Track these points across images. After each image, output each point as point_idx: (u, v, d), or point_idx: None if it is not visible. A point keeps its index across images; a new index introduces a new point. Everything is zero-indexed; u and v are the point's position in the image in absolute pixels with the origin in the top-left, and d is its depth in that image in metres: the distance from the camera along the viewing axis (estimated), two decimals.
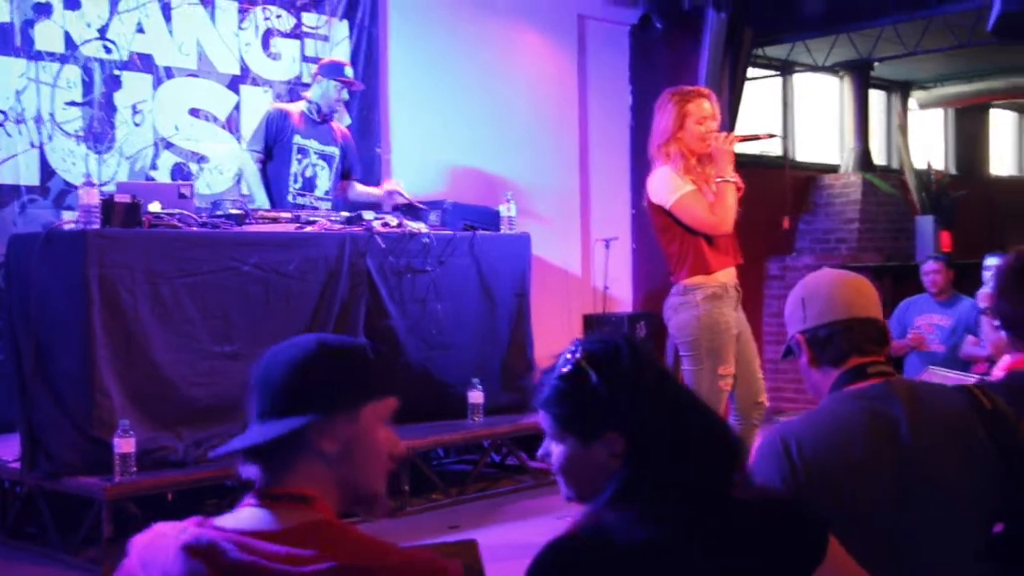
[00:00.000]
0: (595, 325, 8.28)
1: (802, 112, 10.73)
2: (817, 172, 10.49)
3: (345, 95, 6.08)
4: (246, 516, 1.58)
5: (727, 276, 4.36)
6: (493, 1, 7.74)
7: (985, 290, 4.43)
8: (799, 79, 10.62)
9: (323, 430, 1.61)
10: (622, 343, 1.75)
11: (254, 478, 1.62)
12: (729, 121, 8.73)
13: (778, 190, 9.92)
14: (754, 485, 1.84)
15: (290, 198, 5.80)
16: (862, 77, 10.49)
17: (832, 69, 10.45)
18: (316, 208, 5.83)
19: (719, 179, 4.33)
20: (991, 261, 5.98)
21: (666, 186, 4.33)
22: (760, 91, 10.24)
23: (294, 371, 1.64)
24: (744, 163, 8.59)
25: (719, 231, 4.31)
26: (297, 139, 5.89)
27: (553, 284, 8.10)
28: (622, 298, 8.72)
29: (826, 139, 11.00)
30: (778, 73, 10.30)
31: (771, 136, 4.81)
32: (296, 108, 6.03)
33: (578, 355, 1.76)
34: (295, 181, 5.89)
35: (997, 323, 2.70)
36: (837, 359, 2.20)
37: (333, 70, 6.01)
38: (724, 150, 4.32)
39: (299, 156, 5.89)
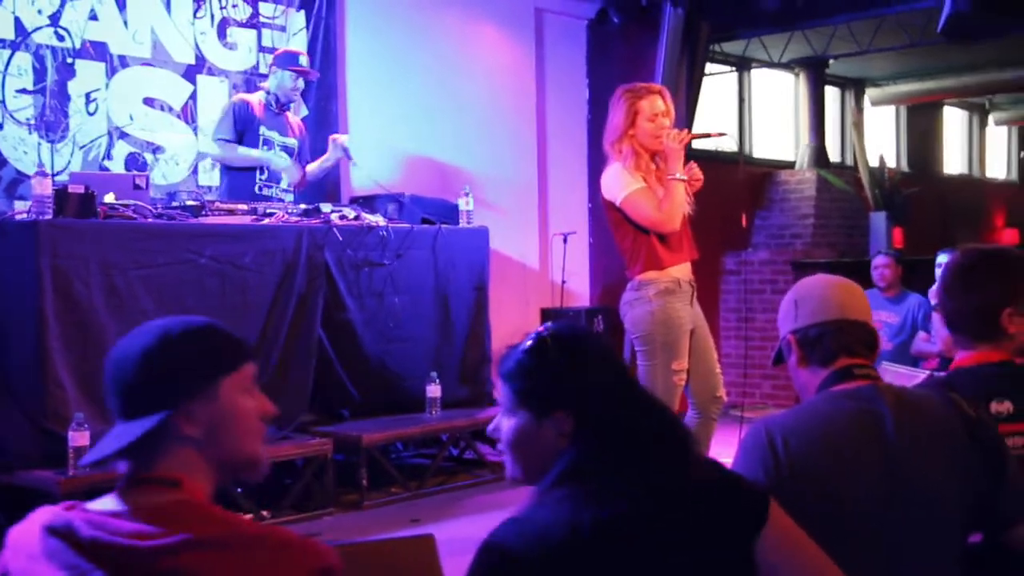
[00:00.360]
0: (552, 319, 8.31)
1: (758, 108, 10.81)
2: (773, 168, 10.58)
3: (301, 84, 6.05)
4: (110, 500, 1.62)
5: (680, 271, 4.38)
6: None
7: (936, 287, 4.49)
8: (756, 75, 10.70)
9: (183, 417, 1.63)
10: (588, 332, 1.86)
11: (124, 469, 1.65)
12: (687, 116, 8.78)
13: (734, 185, 9.99)
14: (706, 467, 1.86)
15: (256, 189, 5.76)
16: (817, 74, 10.58)
17: (788, 66, 10.53)
18: (281, 200, 5.78)
19: (669, 176, 4.33)
20: (942, 258, 6.07)
21: (616, 183, 4.35)
22: (717, 87, 10.31)
23: (142, 366, 1.64)
24: (700, 158, 8.68)
25: (666, 228, 4.31)
26: (263, 130, 5.86)
27: (511, 278, 8.11)
28: (580, 292, 8.75)
29: (782, 135, 11.09)
30: (734, 69, 10.37)
31: (722, 135, 4.80)
32: (256, 99, 5.99)
33: (545, 333, 1.83)
34: (261, 172, 5.86)
35: None
36: (826, 359, 2.23)
37: (288, 60, 5.98)
38: (674, 148, 4.31)
39: (264, 147, 5.85)
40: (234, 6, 6.61)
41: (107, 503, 1.61)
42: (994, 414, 2.39)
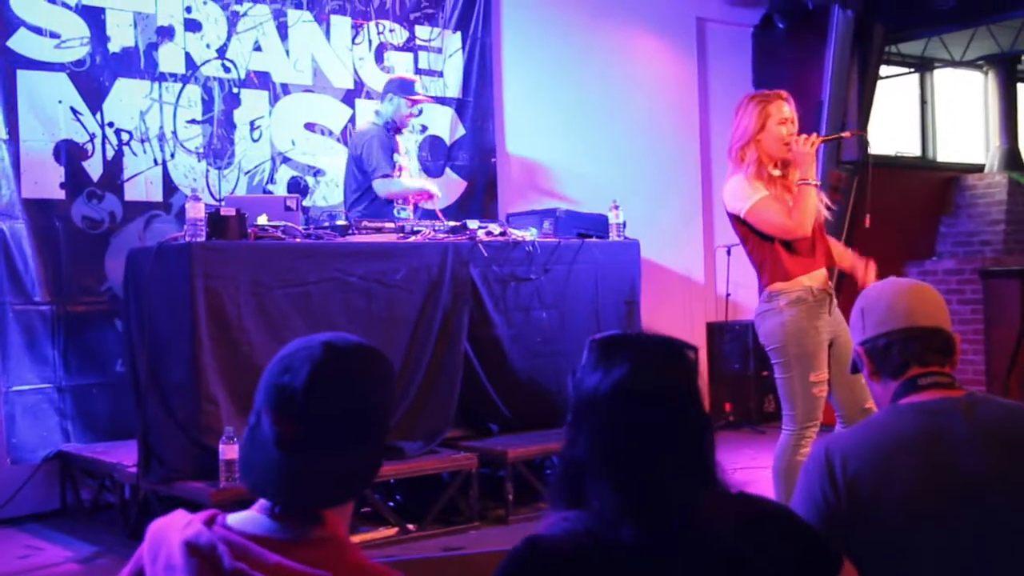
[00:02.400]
0: (719, 333, 8.14)
1: (943, 110, 10.29)
2: (960, 172, 10.04)
3: (416, 111, 6.07)
4: (256, 520, 1.58)
5: (813, 280, 4.20)
6: (608, 7, 7.70)
7: None
8: (939, 75, 10.20)
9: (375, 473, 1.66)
10: (661, 352, 1.67)
11: None
12: (860, 120, 8.46)
13: (916, 191, 9.55)
14: (769, 502, 1.74)
15: (396, 212, 5.85)
16: (1008, 71, 10.00)
17: (975, 64, 9.99)
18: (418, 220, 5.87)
19: (800, 181, 4.19)
20: None
21: (738, 195, 4.20)
22: (897, 89, 9.88)
23: (355, 402, 1.61)
24: (880, 164, 8.33)
25: (796, 235, 4.15)
26: (397, 157, 5.94)
27: (675, 291, 8.00)
28: (748, 305, 8.52)
29: (970, 138, 10.52)
30: (914, 70, 9.91)
31: (855, 134, 4.62)
32: (378, 129, 6.01)
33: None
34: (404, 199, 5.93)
35: None
36: (896, 370, 2.11)
37: (404, 88, 6.01)
38: (805, 152, 4.17)
39: (398, 174, 5.92)
40: (391, 31, 6.80)
41: (251, 520, 1.59)
42: None
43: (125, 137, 5.84)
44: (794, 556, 1.65)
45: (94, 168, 5.75)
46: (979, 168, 10.10)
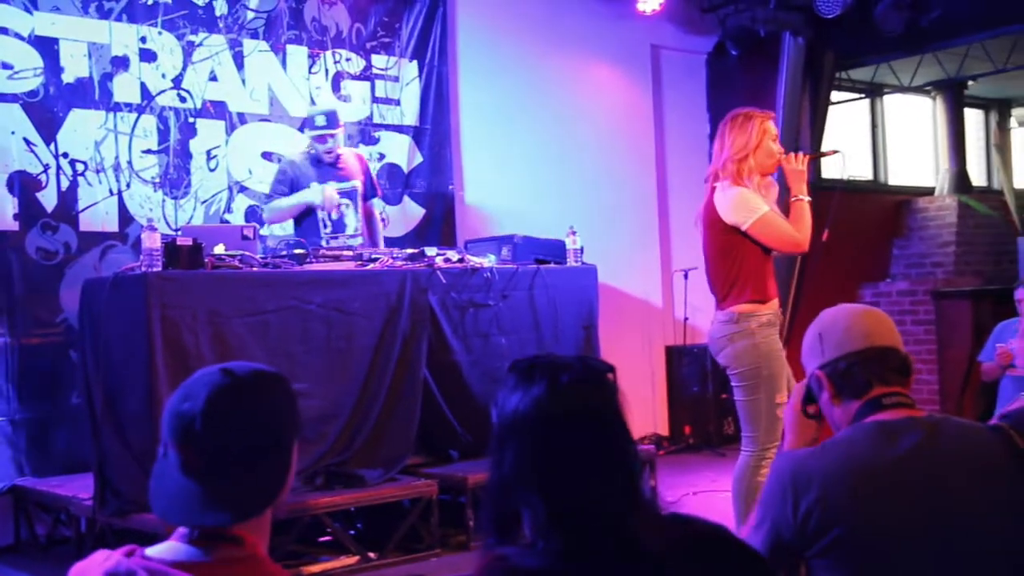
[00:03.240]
0: (678, 356, 8.20)
1: (894, 134, 10.46)
2: (910, 195, 10.20)
3: (330, 144, 5.90)
4: (174, 548, 1.60)
5: (775, 304, 4.28)
6: (564, 35, 7.78)
7: None
8: (889, 100, 10.38)
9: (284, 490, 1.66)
10: (569, 375, 1.64)
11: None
12: (813, 144, 8.58)
13: (869, 214, 9.68)
14: (694, 521, 1.74)
15: (323, 242, 5.76)
16: (955, 96, 10.19)
17: (923, 89, 10.18)
18: (351, 248, 5.81)
19: (794, 198, 4.26)
20: None
21: (744, 206, 4.16)
22: (848, 114, 10.04)
23: (262, 431, 1.62)
24: (832, 187, 8.44)
25: (802, 248, 4.30)
26: (316, 186, 5.84)
27: (633, 316, 8.05)
28: (706, 329, 8.57)
29: (920, 161, 10.70)
30: (864, 96, 10.08)
31: (836, 152, 4.75)
32: (300, 157, 5.99)
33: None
34: (324, 226, 5.86)
35: None
36: (858, 390, 2.14)
37: (306, 124, 6.02)
38: (797, 170, 4.28)
39: (333, 207, 5.84)
40: (348, 60, 6.83)
41: (169, 549, 1.60)
42: None
43: (80, 168, 5.82)
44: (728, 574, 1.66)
45: (48, 199, 5.71)
46: (929, 191, 10.26)
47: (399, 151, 7.04)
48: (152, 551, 1.60)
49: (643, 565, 1.57)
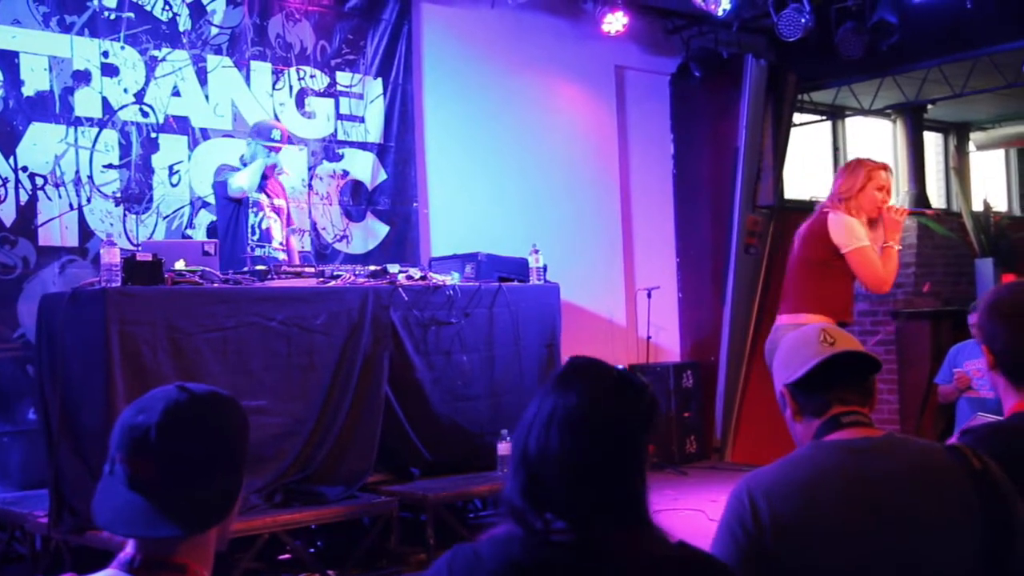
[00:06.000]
0: (640, 375, 8.21)
1: (855, 156, 10.57)
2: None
3: (274, 158, 5.92)
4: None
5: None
6: (529, 55, 7.82)
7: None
8: (850, 123, 10.50)
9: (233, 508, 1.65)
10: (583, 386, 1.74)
11: (135, 548, 1.60)
12: (775, 166, 8.68)
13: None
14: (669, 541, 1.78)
15: (249, 249, 5.78)
16: (915, 120, 10.34)
17: (884, 112, 10.31)
18: (276, 259, 5.81)
19: (886, 244, 4.64)
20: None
21: (851, 232, 4.60)
22: (811, 136, 10.16)
23: (207, 441, 1.61)
24: (796, 208, 8.51)
25: (882, 289, 4.65)
26: (259, 196, 5.88)
27: (597, 334, 8.07)
28: (669, 348, 8.65)
29: None
30: (826, 118, 10.20)
31: (937, 213, 5.17)
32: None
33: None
34: (253, 233, 5.86)
35: None
36: (818, 409, 2.16)
37: (261, 133, 5.98)
38: (895, 220, 4.65)
39: (254, 209, 5.88)
40: (312, 76, 6.82)
41: None
42: None
43: (39, 181, 5.77)
44: None
45: (7, 213, 5.66)
46: None
47: (363, 168, 7.04)
48: None
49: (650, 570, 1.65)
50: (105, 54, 6.01)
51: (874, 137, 10.73)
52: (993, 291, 2.51)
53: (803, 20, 7.30)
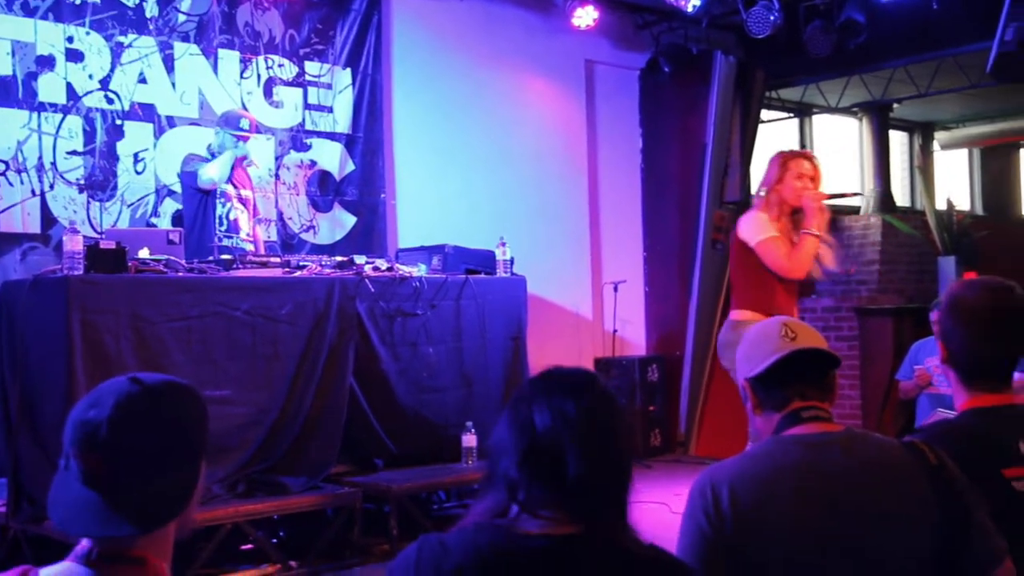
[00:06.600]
0: (607, 368, 8.24)
1: (821, 154, 10.64)
2: (837, 214, 10.38)
3: (243, 148, 5.87)
4: (71, 571, 1.55)
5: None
6: (499, 48, 7.81)
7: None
8: (818, 121, 10.58)
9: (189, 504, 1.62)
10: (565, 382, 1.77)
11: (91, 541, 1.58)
12: (742, 162, 8.72)
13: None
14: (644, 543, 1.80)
15: (217, 239, 5.73)
16: (880, 118, 10.42)
17: (850, 110, 10.39)
18: (243, 249, 5.75)
19: (804, 231, 4.66)
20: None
21: (753, 227, 4.70)
22: (778, 133, 10.21)
23: (161, 434, 1.58)
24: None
25: (792, 275, 4.65)
26: (227, 187, 5.83)
27: (563, 327, 8.09)
28: (635, 341, 8.68)
29: (846, 181, 10.90)
30: (794, 115, 10.27)
31: (856, 194, 5.17)
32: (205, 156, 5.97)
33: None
34: (220, 224, 5.82)
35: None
36: (779, 403, 2.18)
37: (229, 122, 5.92)
38: (813, 206, 4.66)
39: (222, 199, 5.82)
40: (280, 66, 6.78)
41: (65, 571, 1.55)
42: None
43: (1, 167, 5.70)
44: None
45: None
46: (855, 210, 10.47)
47: (331, 158, 7.01)
48: (46, 573, 1.54)
49: (623, 562, 1.67)
50: (70, 39, 5.94)
51: (841, 135, 10.82)
52: (955, 288, 2.54)
53: (772, 18, 7.35)
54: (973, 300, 2.45)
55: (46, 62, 5.87)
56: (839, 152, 10.83)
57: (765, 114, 9.33)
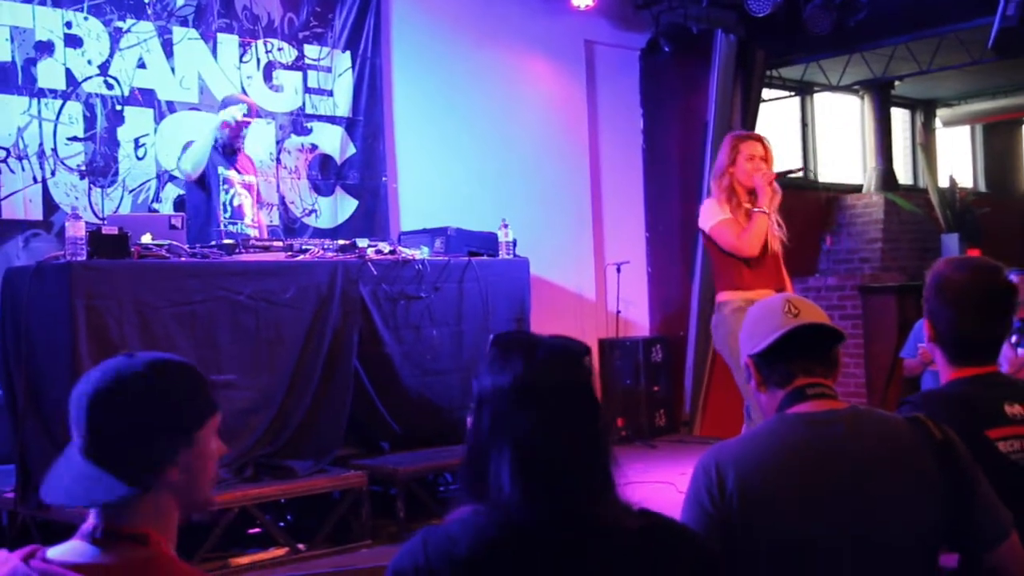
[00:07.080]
0: (610, 349, 8.25)
1: (823, 132, 10.64)
2: (839, 192, 10.38)
3: (244, 132, 5.87)
4: (76, 549, 1.58)
5: (758, 295, 4.47)
6: (498, 29, 7.78)
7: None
8: (819, 99, 10.55)
9: (174, 466, 1.63)
10: (554, 357, 1.71)
11: (94, 518, 1.61)
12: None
13: (798, 211, 9.83)
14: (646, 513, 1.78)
15: (222, 226, 5.71)
16: (882, 96, 10.40)
17: (852, 88, 10.36)
18: (246, 235, 5.73)
19: (755, 209, 4.82)
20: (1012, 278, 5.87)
21: (707, 213, 4.94)
22: (779, 112, 10.19)
23: (138, 410, 1.61)
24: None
25: (743, 254, 4.79)
26: (220, 170, 5.80)
27: (567, 309, 8.09)
28: (638, 322, 8.68)
29: (848, 159, 10.89)
30: (795, 94, 10.24)
31: (801, 169, 5.27)
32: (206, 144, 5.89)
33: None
34: (224, 210, 5.79)
35: (1014, 340, 2.65)
36: (783, 380, 2.17)
37: (225, 107, 5.90)
38: (763, 185, 4.84)
39: (225, 186, 5.80)
40: (280, 49, 6.76)
41: (72, 550, 1.58)
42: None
43: (2, 154, 5.69)
44: (689, 566, 1.71)
45: None
46: (858, 188, 10.46)
47: (332, 142, 7.00)
48: (54, 552, 1.57)
49: (612, 538, 1.64)
50: (68, 24, 5.92)
51: (842, 113, 10.79)
52: (941, 268, 2.54)
53: None
54: (960, 281, 2.46)
55: (45, 48, 5.85)
56: (841, 130, 10.81)
57: (766, 93, 9.31)
